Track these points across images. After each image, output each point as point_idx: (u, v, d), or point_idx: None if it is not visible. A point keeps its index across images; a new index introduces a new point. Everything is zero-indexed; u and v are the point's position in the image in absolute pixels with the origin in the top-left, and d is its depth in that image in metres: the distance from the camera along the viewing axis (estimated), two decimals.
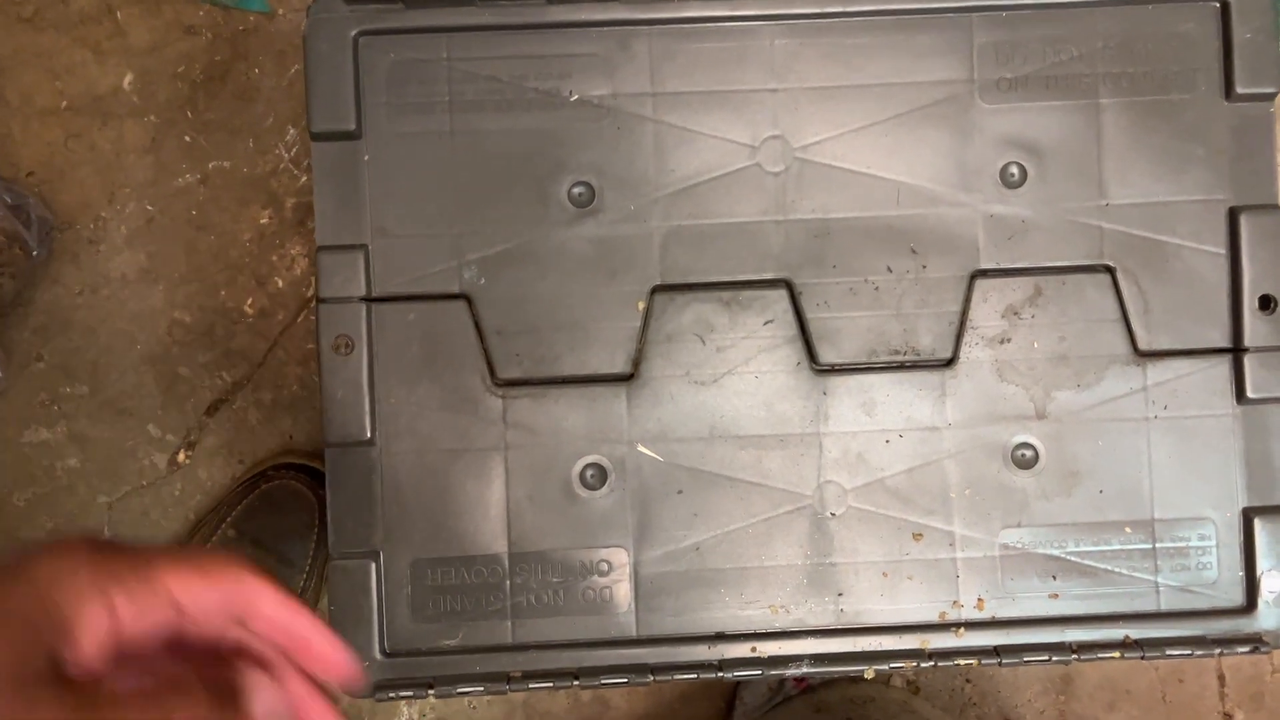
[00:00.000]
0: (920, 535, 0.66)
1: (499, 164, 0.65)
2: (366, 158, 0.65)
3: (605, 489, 0.65)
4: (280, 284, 0.95)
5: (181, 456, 0.95)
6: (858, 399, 0.66)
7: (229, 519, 0.90)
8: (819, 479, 0.65)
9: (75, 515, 0.94)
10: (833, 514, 0.65)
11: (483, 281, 0.65)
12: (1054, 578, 0.66)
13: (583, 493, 0.65)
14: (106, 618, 0.33)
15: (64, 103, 0.95)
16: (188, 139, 0.95)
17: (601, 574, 0.65)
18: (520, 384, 0.65)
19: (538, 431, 0.65)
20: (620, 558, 0.65)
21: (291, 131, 0.95)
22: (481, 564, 0.65)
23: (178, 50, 0.95)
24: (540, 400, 0.65)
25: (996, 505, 0.66)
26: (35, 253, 0.91)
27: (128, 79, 0.95)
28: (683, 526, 0.65)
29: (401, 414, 0.65)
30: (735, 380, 0.66)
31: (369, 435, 0.64)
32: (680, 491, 0.65)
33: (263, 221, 0.95)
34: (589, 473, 0.65)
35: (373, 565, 0.64)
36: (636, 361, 0.66)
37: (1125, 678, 0.96)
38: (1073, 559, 0.66)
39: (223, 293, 0.95)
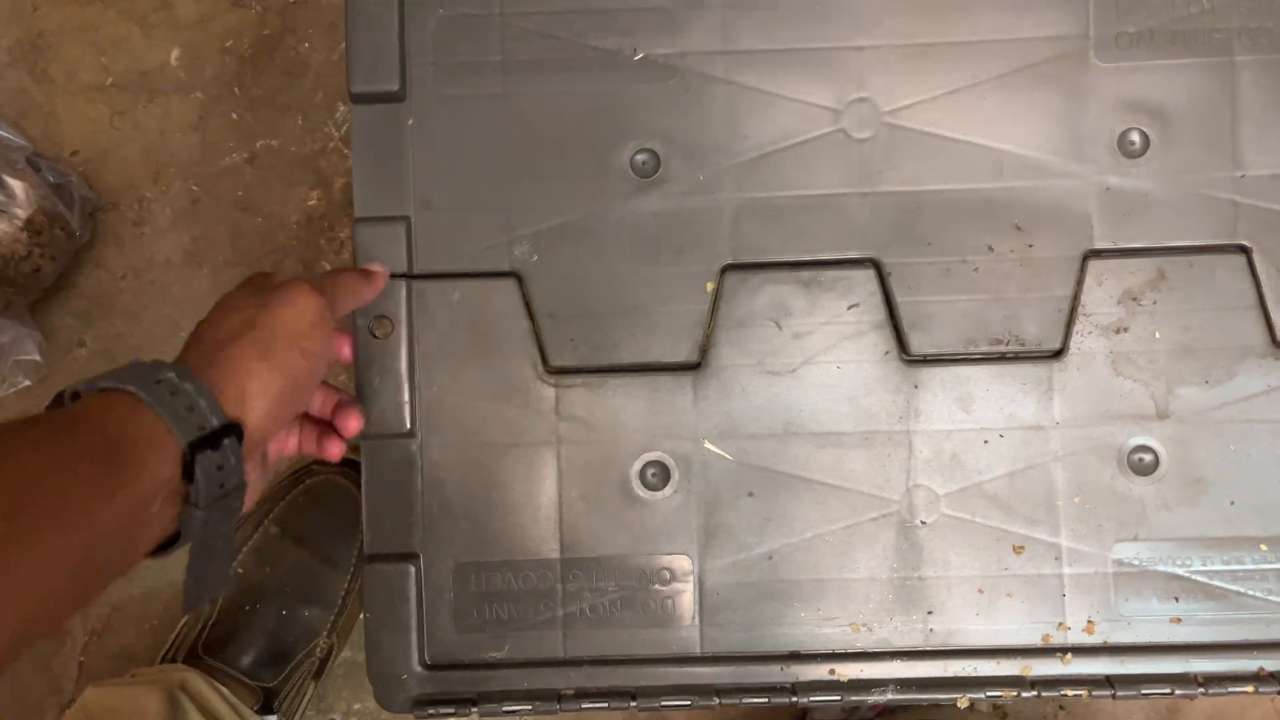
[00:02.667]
0: (1022, 548, 0.58)
1: (555, 130, 0.59)
2: (410, 122, 0.60)
3: (668, 489, 0.59)
4: (328, 268, 0.90)
5: None
6: (953, 393, 0.59)
7: (271, 515, 0.85)
8: (908, 483, 0.58)
9: None
10: (923, 522, 0.58)
11: (535, 259, 0.60)
12: (1176, 599, 0.58)
13: (643, 493, 0.59)
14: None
15: (109, 79, 0.91)
16: (235, 116, 0.90)
17: (663, 583, 0.59)
18: (575, 372, 0.59)
19: (594, 425, 0.59)
20: (684, 565, 0.59)
21: (341, 109, 0.90)
22: (530, 569, 0.59)
23: (225, 24, 0.90)
24: (597, 391, 0.59)
25: (1110, 515, 0.58)
26: (77, 234, 0.87)
27: (174, 54, 0.91)
28: (754, 533, 0.59)
29: (444, 404, 0.59)
30: (814, 371, 0.59)
31: (408, 426, 0.59)
32: (751, 494, 0.59)
33: (311, 203, 0.90)
34: (650, 471, 0.59)
35: (412, 569, 0.58)
36: (704, 349, 0.60)
37: (1239, 710, 0.87)
38: (1198, 579, 0.58)
39: None
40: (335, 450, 0.56)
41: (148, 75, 0.91)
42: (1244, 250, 0.58)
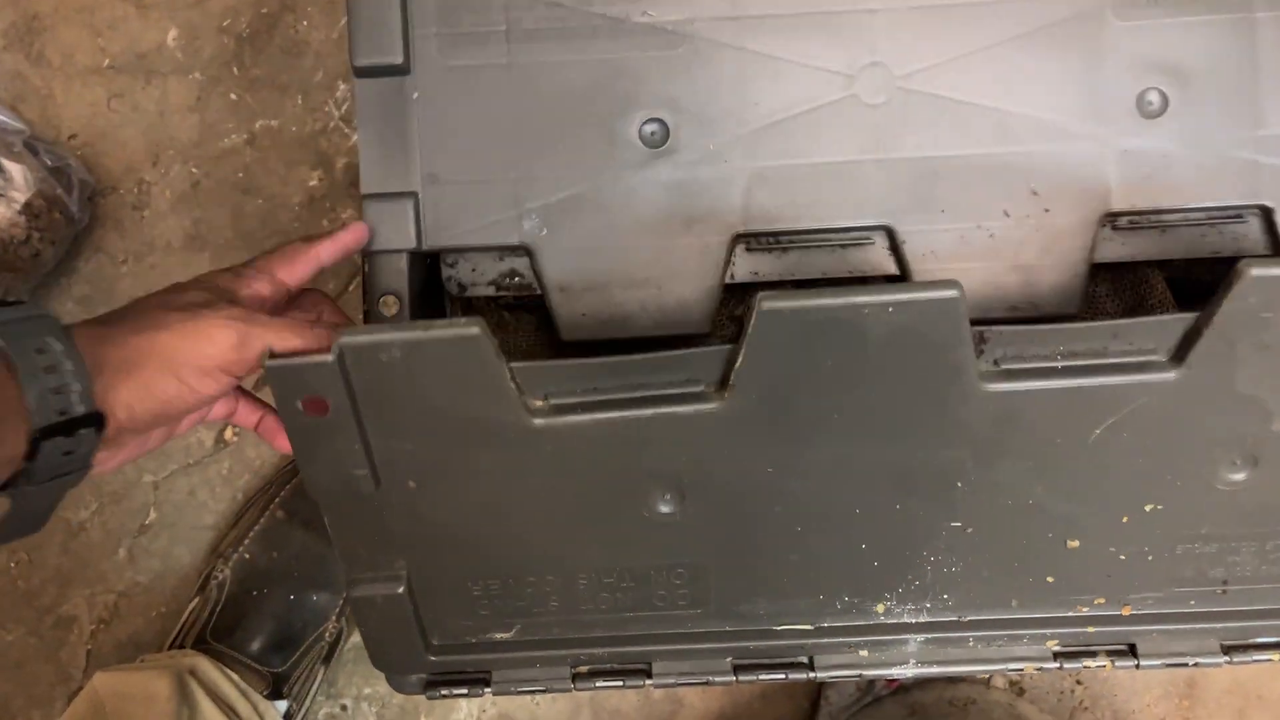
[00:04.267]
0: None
1: (562, 100, 0.58)
2: (415, 95, 0.58)
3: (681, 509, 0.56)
4: None
5: (229, 434, 0.89)
6: None
7: (277, 500, 0.85)
8: None
9: (120, 495, 0.89)
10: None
11: (545, 232, 0.58)
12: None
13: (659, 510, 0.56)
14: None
15: (106, 61, 0.90)
16: (234, 97, 0.89)
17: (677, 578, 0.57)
18: (567, 409, 0.52)
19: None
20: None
21: (342, 87, 0.89)
22: (531, 582, 0.57)
23: (223, 3, 0.89)
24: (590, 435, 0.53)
25: None
26: (76, 218, 0.86)
27: (172, 34, 0.89)
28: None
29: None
30: None
31: None
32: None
33: (312, 184, 0.89)
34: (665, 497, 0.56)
35: (400, 587, 0.56)
36: (716, 321, 0.59)
37: (1257, 682, 0.87)
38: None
39: None
40: (282, 444, 0.54)
41: (145, 57, 0.89)
42: (1265, 211, 0.57)
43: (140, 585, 0.90)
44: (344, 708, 0.89)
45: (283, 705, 0.81)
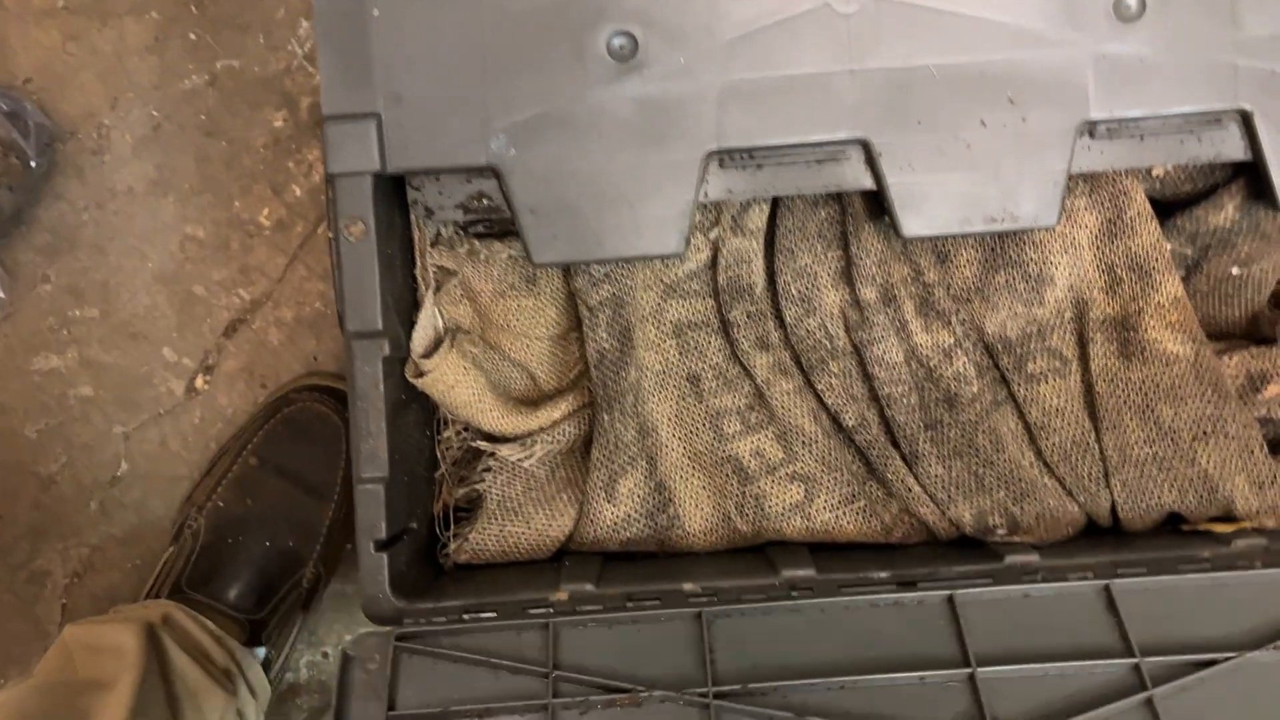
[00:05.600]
0: None
1: (528, 14, 0.57)
2: (375, 12, 0.57)
3: None
4: (298, 192, 0.87)
5: (200, 382, 0.88)
6: None
7: (250, 446, 0.83)
8: None
9: (90, 448, 0.88)
10: None
11: (513, 152, 0.57)
12: None
13: None
14: None
15: (61, 2, 0.87)
16: (193, 37, 0.87)
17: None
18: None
19: None
20: None
21: (305, 25, 0.87)
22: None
23: None
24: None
25: None
26: (34, 163, 0.84)
27: None
28: None
29: None
30: None
31: (380, 326, 0.57)
32: None
33: (277, 125, 0.87)
34: None
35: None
36: (689, 240, 0.58)
37: None
38: None
39: (237, 204, 0.87)
40: None
41: None
42: (1244, 114, 0.56)
43: (114, 538, 0.89)
44: (325, 655, 0.89)
45: (261, 652, 0.80)
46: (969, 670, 0.54)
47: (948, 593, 0.56)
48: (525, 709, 0.55)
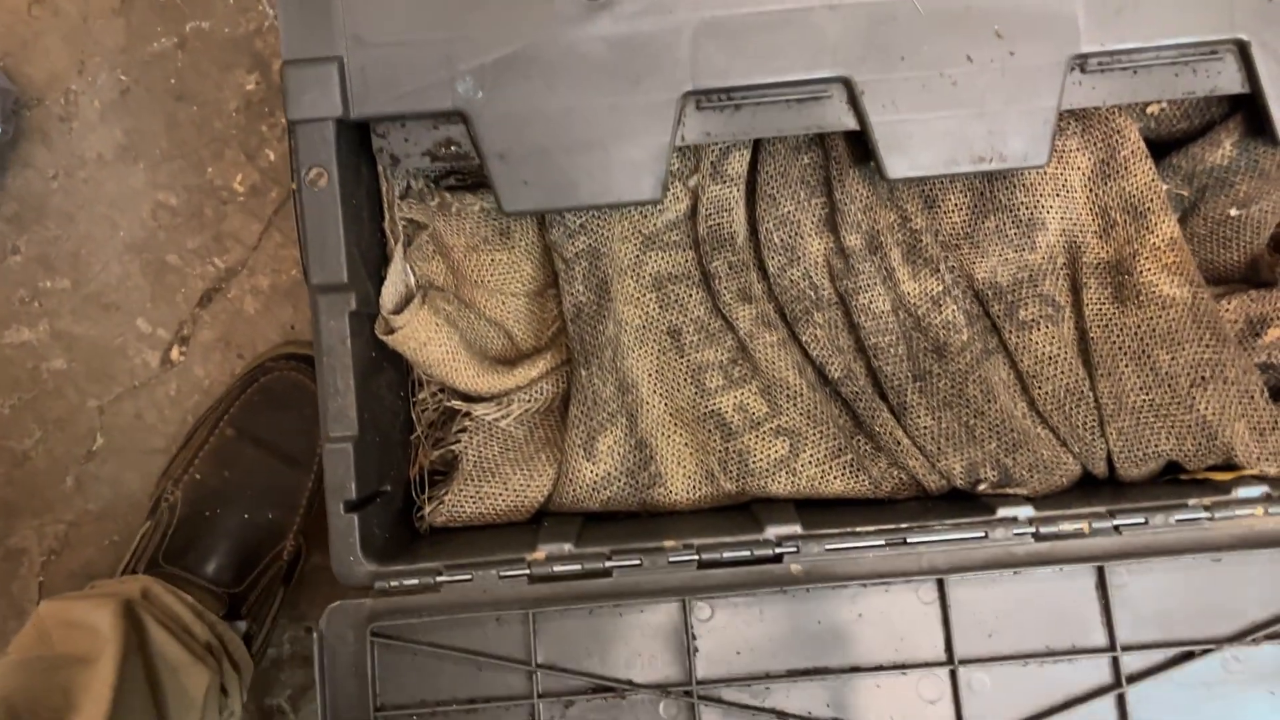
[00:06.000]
0: None
1: None
2: None
3: None
4: (272, 157, 0.85)
5: (175, 353, 0.86)
6: None
7: (226, 417, 0.81)
8: None
9: (64, 422, 0.86)
10: None
11: (481, 95, 0.55)
12: None
13: None
14: None
15: None
16: None
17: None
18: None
19: None
20: None
21: None
22: None
23: None
24: None
25: None
26: (1, 130, 0.82)
27: None
28: None
29: None
30: None
31: (345, 279, 0.54)
32: None
33: (249, 87, 0.85)
34: None
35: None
36: (666, 185, 0.56)
37: None
38: None
39: (210, 169, 0.85)
40: None
41: None
42: (1241, 45, 0.54)
43: (90, 513, 0.87)
44: (309, 630, 0.87)
45: (241, 625, 0.79)
46: (950, 666, 0.53)
47: (938, 577, 0.54)
48: (509, 705, 0.53)
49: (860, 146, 0.58)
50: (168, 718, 0.68)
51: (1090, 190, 0.59)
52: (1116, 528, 0.53)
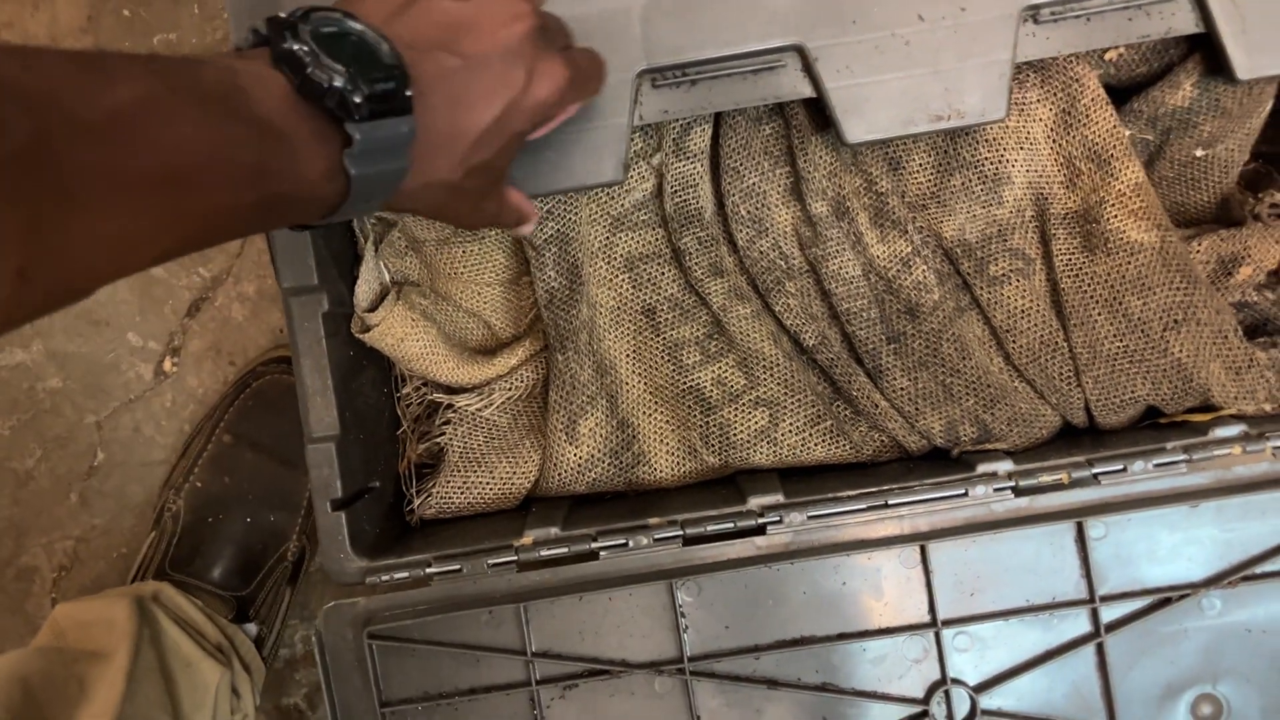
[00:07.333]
0: None
1: None
2: None
3: None
4: None
5: (167, 364, 0.87)
6: None
7: (222, 424, 0.82)
8: None
9: (64, 440, 0.87)
10: None
11: None
12: None
13: None
14: None
15: None
16: (126, 13, 0.85)
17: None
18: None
19: None
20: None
21: None
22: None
23: None
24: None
25: None
26: None
27: None
28: None
29: None
30: None
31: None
32: None
33: None
34: None
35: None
36: (627, 165, 0.56)
37: None
38: None
39: None
40: None
41: None
42: None
43: (97, 528, 0.88)
44: None
45: (251, 628, 0.80)
46: (934, 629, 0.53)
47: (920, 544, 0.54)
48: (509, 692, 0.54)
49: (820, 113, 0.58)
50: (181, 708, 0.69)
51: (1053, 141, 0.59)
52: (1095, 476, 0.54)
